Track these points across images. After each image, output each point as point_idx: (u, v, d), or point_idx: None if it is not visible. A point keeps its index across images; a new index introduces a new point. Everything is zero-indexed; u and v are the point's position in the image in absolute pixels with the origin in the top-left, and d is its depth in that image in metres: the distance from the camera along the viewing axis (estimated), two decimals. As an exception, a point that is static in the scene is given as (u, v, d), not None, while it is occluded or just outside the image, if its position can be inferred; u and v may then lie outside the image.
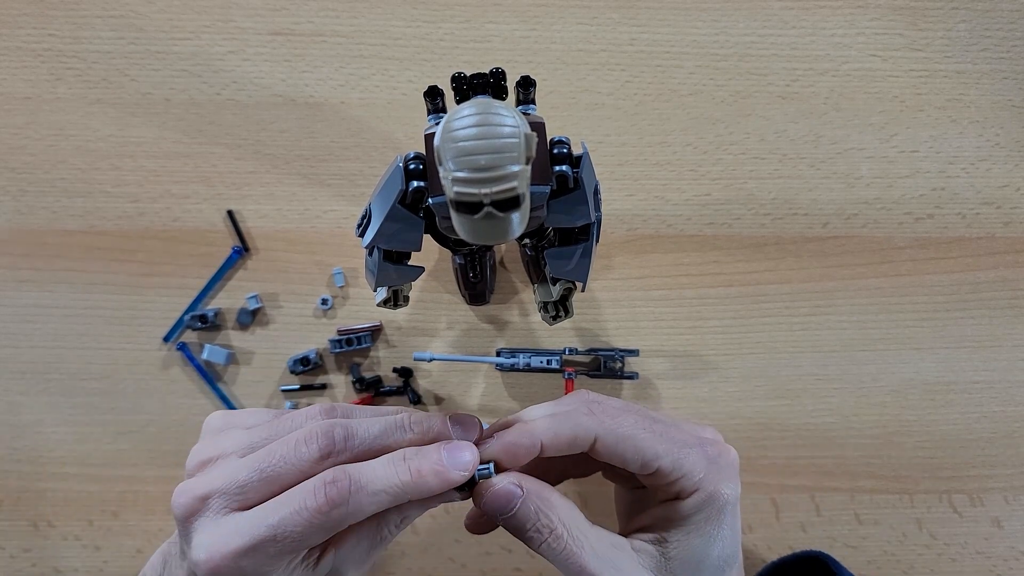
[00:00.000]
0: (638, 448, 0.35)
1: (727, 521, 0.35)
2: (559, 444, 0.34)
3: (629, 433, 0.35)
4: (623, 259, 0.51)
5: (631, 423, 0.35)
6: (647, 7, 0.51)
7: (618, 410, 0.36)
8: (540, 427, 0.35)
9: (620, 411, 0.36)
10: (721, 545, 0.35)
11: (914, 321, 0.51)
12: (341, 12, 0.51)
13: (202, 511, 0.33)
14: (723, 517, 0.35)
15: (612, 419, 0.35)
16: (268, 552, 0.32)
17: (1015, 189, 0.51)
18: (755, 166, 0.51)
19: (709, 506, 0.35)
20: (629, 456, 0.35)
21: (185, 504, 0.34)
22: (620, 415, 0.35)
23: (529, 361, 0.48)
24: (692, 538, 0.35)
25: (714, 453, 0.36)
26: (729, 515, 0.35)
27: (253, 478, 0.33)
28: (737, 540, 0.36)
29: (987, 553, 0.50)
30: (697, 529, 0.35)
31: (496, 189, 0.28)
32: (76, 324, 0.50)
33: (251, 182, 0.51)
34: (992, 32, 0.51)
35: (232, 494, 0.33)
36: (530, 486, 0.34)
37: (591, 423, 0.35)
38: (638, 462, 0.35)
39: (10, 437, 0.50)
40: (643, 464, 0.35)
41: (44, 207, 0.50)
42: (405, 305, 0.43)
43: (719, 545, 0.35)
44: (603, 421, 0.35)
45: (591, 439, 0.35)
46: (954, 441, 0.51)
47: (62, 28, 0.51)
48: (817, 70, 0.51)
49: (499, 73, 0.32)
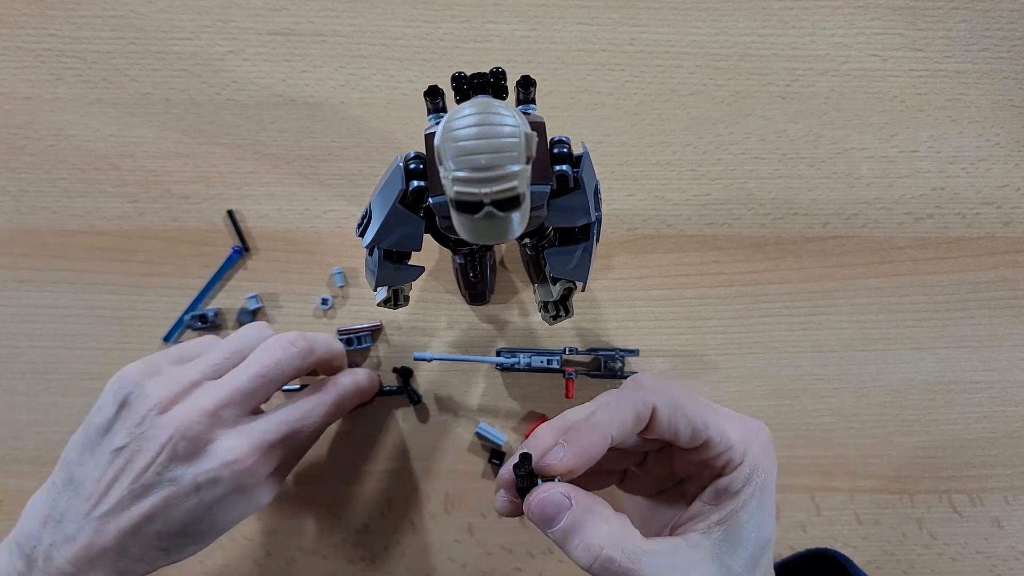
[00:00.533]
0: (689, 418, 0.34)
1: (770, 496, 0.35)
2: (626, 428, 0.34)
3: (681, 403, 0.34)
4: (623, 259, 0.51)
5: (679, 395, 0.35)
6: (647, 7, 0.51)
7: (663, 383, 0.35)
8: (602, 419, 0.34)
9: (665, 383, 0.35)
10: (769, 521, 0.35)
11: (914, 321, 0.51)
12: (341, 12, 0.51)
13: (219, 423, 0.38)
14: (767, 491, 0.35)
15: (665, 388, 0.35)
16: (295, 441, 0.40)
17: (1015, 189, 0.51)
18: (755, 166, 0.51)
19: (755, 478, 0.34)
20: (682, 426, 0.34)
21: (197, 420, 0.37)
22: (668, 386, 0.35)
23: (529, 361, 0.48)
24: (739, 514, 0.34)
25: (753, 427, 0.36)
26: (771, 490, 0.35)
27: (257, 384, 0.39)
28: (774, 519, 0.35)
29: (987, 553, 0.50)
30: (746, 504, 0.34)
31: (496, 189, 0.28)
32: (76, 324, 0.50)
33: (251, 182, 0.51)
34: (992, 32, 0.51)
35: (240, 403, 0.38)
36: (580, 498, 0.33)
37: (646, 396, 0.34)
38: (689, 432, 0.34)
39: (10, 437, 0.50)
40: (694, 433, 0.34)
41: (44, 207, 0.50)
42: (405, 305, 0.43)
43: (767, 521, 0.35)
44: (657, 390, 0.34)
45: (650, 410, 0.34)
46: (954, 441, 0.51)
47: (62, 28, 0.51)
48: (817, 70, 0.51)
49: (499, 73, 0.32)
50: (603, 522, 0.33)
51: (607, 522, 0.33)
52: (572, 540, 0.32)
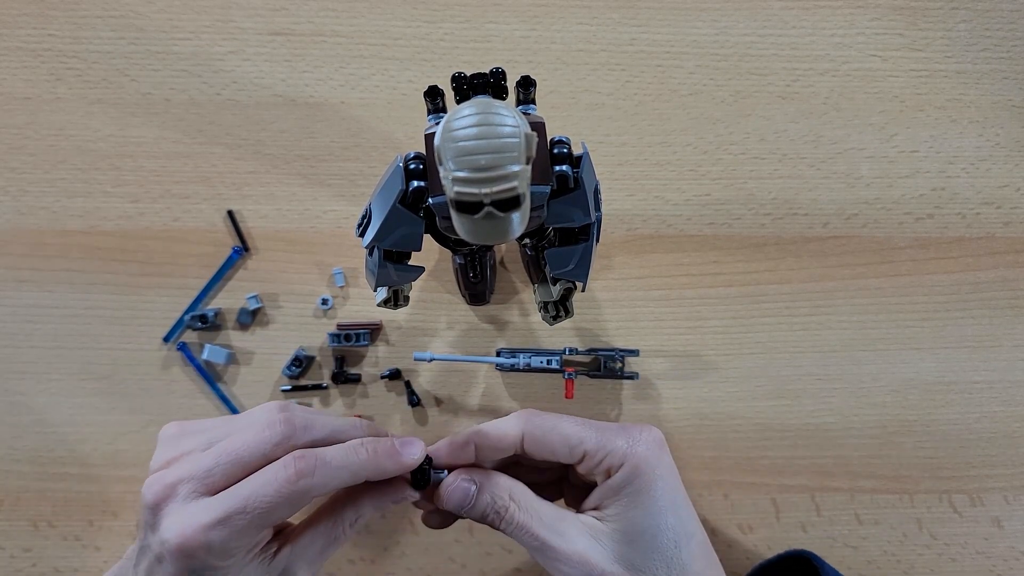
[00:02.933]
0: (563, 436, 0.39)
1: (661, 492, 0.38)
2: (490, 443, 0.39)
3: (553, 425, 0.39)
4: (623, 259, 0.51)
5: (556, 419, 0.40)
6: (647, 7, 0.51)
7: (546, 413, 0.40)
8: (473, 432, 0.39)
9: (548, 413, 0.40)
10: (663, 517, 0.38)
11: (914, 321, 0.51)
12: (341, 12, 0.51)
13: (171, 497, 0.36)
14: (655, 487, 0.38)
15: (538, 417, 0.40)
16: (237, 524, 0.34)
17: (1015, 189, 0.51)
18: (755, 166, 0.51)
19: (638, 477, 0.38)
20: (557, 445, 0.39)
21: (156, 491, 0.36)
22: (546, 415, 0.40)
23: (529, 361, 0.48)
24: (629, 511, 0.38)
25: (636, 431, 0.39)
26: (662, 486, 0.38)
27: (220, 462, 0.36)
28: (686, 516, 0.39)
29: (987, 553, 0.50)
30: (632, 501, 0.38)
31: (496, 189, 0.28)
32: (76, 324, 0.50)
33: (251, 182, 0.51)
34: (992, 32, 0.51)
35: (200, 479, 0.36)
36: (480, 478, 0.39)
37: (517, 421, 0.39)
38: (566, 448, 0.39)
39: (10, 437, 0.50)
40: (570, 449, 0.39)
41: (44, 207, 0.50)
42: (405, 305, 0.43)
43: (661, 517, 0.38)
44: (529, 419, 0.39)
45: (519, 435, 0.39)
46: (954, 441, 0.51)
47: (62, 28, 0.51)
48: (817, 70, 0.51)
49: (499, 73, 0.32)
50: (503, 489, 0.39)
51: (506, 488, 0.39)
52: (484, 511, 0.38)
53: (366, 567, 0.50)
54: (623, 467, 0.38)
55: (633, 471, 0.38)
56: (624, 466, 0.38)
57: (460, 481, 0.39)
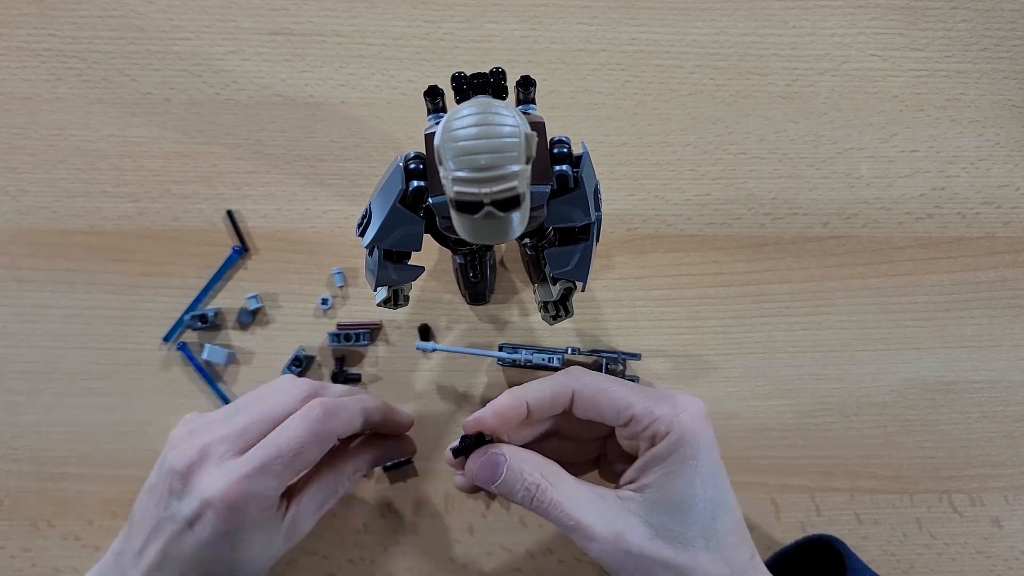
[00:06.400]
0: (612, 399, 0.38)
1: (703, 463, 0.37)
2: (542, 401, 0.38)
3: (603, 387, 0.38)
4: (623, 259, 0.51)
5: (604, 379, 0.39)
6: (647, 7, 0.51)
7: (595, 373, 0.40)
8: (524, 389, 0.39)
9: (596, 373, 0.40)
10: (703, 488, 0.37)
11: (914, 321, 0.51)
12: (341, 12, 0.51)
13: (206, 458, 0.38)
14: (698, 458, 0.37)
15: (587, 376, 0.39)
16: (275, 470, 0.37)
17: (1015, 189, 0.51)
18: (755, 166, 0.51)
19: (682, 447, 0.37)
20: (604, 407, 0.38)
21: (189, 455, 0.38)
22: (594, 374, 0.39)
23: (531, 357, 0.48)
24: (671, 479, 0.37)
25: (681, 399, 0.39)
26: (704, 457, 0.37)
27: (251, 422, 0.39)
28: (724, 488, 0.38)
29: (987, 553, 0.50)
30: (674, 471, 0.37)
31: (496, 189, 0.28)
32: (76, 324, 0.50)
33: (251, 182, 0.51)
34: (992, 32, 0.51)
35: (233, 439, 0.38)
36: (511, 452, 0.38)
37: (568, 380, 0.39)
38: (613, 411, 0.38)
39: (10, 437, 0.50)
40: (618, 412, 0.38)
41: (44, 207, 0.50)
42: (405, 305, 0.43)
43: (700, 488, 0.37)
44: (580, 378, 0.39)
45: (569, 394, 0.38)
46: (954, 441, 0.51)
47: (62, 28, 0.51)
48: (817, 70, 0.51)
49: (499, 73, 0.32)
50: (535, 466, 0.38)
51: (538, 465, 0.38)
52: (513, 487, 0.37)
53: (366, 567, 0.50)
54: (669, 435, 0.37)
55: (679, 439, 0.37)
56: (670, 434, 0.37)
57: (491, 454, 0.38)
